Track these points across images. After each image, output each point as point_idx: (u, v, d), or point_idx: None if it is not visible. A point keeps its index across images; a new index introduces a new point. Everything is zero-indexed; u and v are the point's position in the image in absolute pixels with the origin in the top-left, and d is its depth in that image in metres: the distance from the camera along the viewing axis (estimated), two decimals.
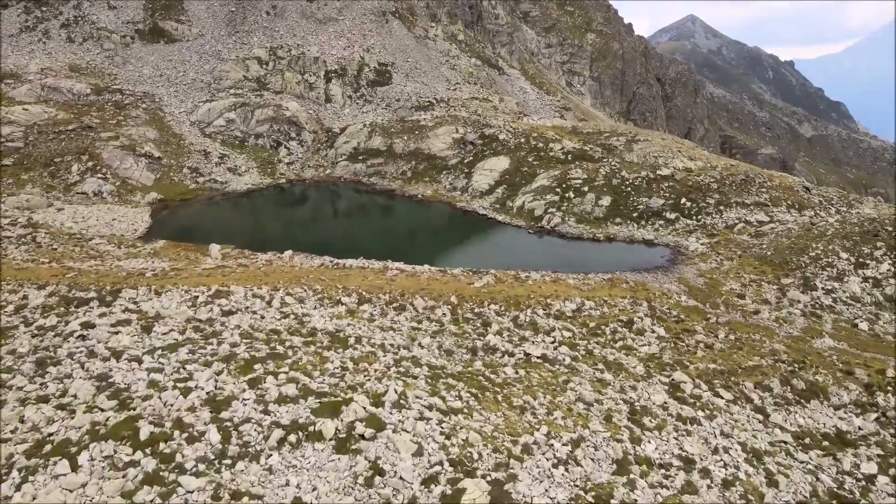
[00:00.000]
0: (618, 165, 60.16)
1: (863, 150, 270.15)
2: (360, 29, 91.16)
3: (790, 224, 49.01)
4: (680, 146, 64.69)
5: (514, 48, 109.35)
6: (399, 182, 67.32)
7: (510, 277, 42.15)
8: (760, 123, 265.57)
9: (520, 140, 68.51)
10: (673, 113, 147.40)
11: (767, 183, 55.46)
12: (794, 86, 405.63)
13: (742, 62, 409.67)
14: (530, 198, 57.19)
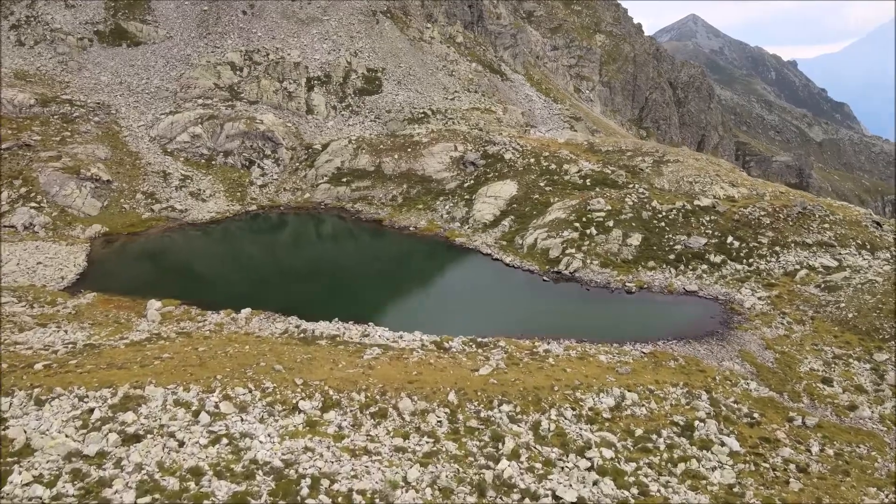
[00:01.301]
0: (646, 193, 50.76)
1: (875, 155, 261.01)
2: (348, 30, 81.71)
3: (868, 273, 39.63)
4: (718, 169, 55.33)
5: (517, 51, 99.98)
6: (388, 210, 57.83)
7: (525, 353, 32.76)
8: (770, 127, 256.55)
9: (528, 160, 59.07)
10: (686, 119, 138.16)
11: (830, 217, 46.11)
12: (798, 86, 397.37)
13: (745, 63, 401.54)
14: (543, 234, 47.76)
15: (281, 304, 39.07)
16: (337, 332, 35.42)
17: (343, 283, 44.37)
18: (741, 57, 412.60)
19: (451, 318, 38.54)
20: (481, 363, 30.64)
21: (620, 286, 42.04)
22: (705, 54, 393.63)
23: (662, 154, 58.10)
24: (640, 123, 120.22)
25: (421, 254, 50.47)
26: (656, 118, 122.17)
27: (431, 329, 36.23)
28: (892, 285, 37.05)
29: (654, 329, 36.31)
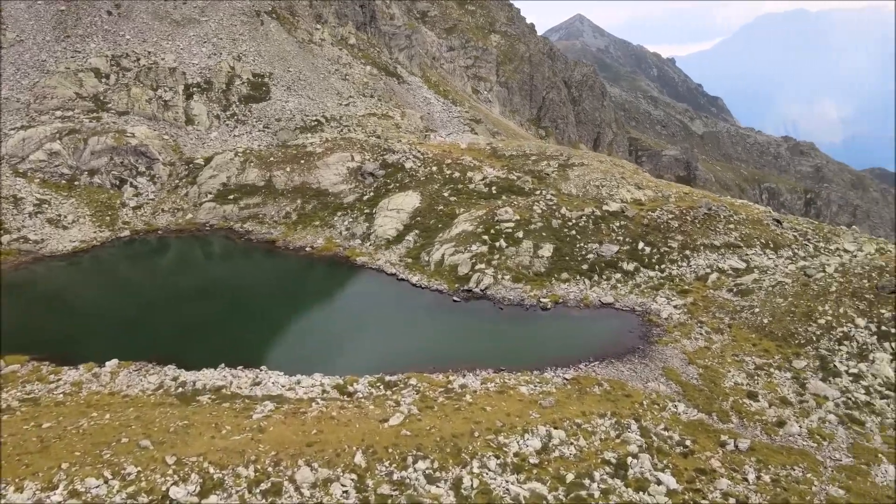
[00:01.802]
0: (555, 200, 48.92)
1: (750, 146, 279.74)
2: (230, 32, 75.36)
3: (776, 274, 39.42)
4: (622, 171, 54.51)
5: (413, 52, 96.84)
6: (282, 228, 52.87)
7: (440, 391, 29.48)
8: (656, 122, 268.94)
9: (431, 169, 55.93)
10: (582, 118, 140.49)
11: (734, 217, 46.02)
12: (677, 83, 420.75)
13: (629, 61, 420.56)
14: (451, 249, 44.74)
15: (157, 349, 33.75)
16: (223, 381, 30.65)
17: (231, 317, 39.30)
18: (625, 55, 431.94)
19: (355, 353, 34.64)
20: (391, 410, 27.02)
21: (535, 302, 39.67)
22: (592, 53, 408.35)
23: (567, 157, 56.72)
24: (539, 123, 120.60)
25: (319, 278, 46.02)
26: (554, 117, 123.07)
27: (333, 368, 32.25)
28: (800, 286, 36.84)
29: (575, 349, 34.08)
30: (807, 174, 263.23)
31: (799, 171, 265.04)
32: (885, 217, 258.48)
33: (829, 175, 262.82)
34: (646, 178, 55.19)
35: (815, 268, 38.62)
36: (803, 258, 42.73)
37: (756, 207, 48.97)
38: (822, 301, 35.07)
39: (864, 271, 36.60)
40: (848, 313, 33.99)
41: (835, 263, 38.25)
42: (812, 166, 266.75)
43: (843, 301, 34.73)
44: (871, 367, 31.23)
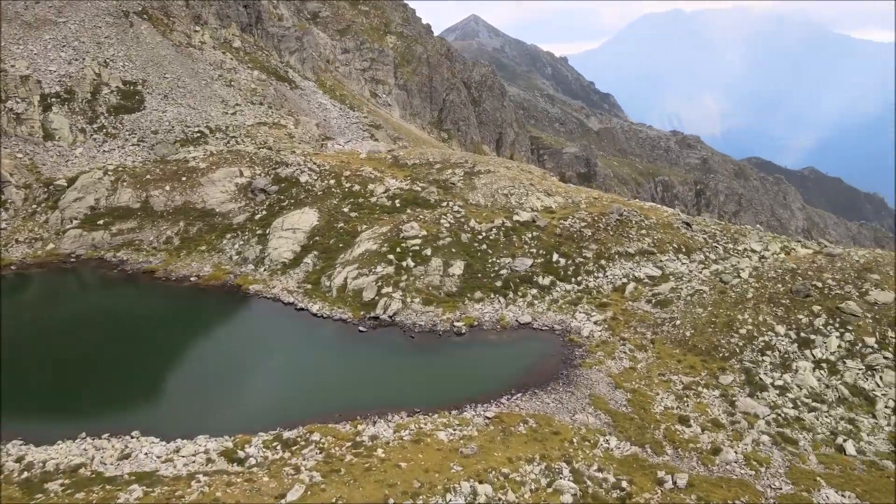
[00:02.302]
0: (462, 212, 46.05)
1: (642, 140, 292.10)
2: (93, 35, 67.38)
3: (692, 281, 38.35)
4: (530, 177, 52.48)
5: (305, 55, 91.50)
6: (163, 255, 46.87)
7: (347, 447, 25.62)
8: (554, 119, 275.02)
9: (328, 182, 51.59)
10: (483, 118, 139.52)
11: (645, 222, 44.91)
12: (571, 80, 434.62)
13: (524, 60, 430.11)
14: (354, 271, 40.79)
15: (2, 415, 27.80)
16: (82, 458, 25.36)
17: (98, 369, 33.51)
18: (520, 54, 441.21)
19: (248, 403, 30.10)
20: (290, 480, 22.93)
21: (448, 327, 36.51)
22: (489, 53, 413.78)
23: (473, 165, 54.06)
24: (441, 126, 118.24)
25: (206, 312, 40.66)
26: (455, 119, 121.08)
27: (222, 425, 27.68)
28: (718, 294, 35.83)
29: (495, 380, 31.20)
30: (695, 166, 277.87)
31: (688, 163, 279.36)
32: (766, 204, 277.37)
33: (715, 166, 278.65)
34: (554, 183, 53.49)
35: (730, 273, 37.82)
36: (715, 261, 42.14)
37: (665, 210, 48.26)
38: (740, 309, 34.09)
39: (778, 275, 36.06)
40: (767, 321, 33.13)
41: (748, 268, 37.59)
42: (699, 158, 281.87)
43: (762, 308, 33.89)
44: (795, 377, 30.31)
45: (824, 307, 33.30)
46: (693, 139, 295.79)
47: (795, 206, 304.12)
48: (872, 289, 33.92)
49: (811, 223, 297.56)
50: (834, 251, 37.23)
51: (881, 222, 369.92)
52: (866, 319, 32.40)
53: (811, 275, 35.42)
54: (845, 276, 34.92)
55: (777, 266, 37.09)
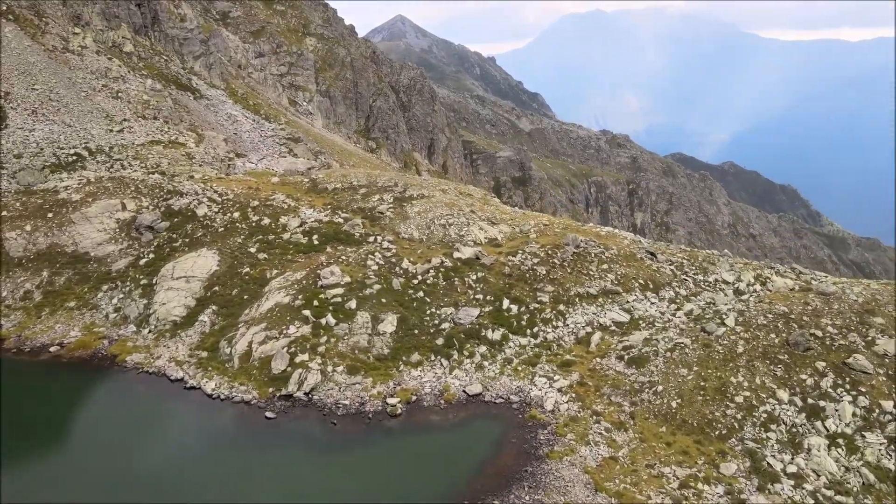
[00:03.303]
0: (393, 249, 38.76)
1: (574, 140, 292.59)
2: None
3: (668, 330, 32.38)
4: (471, 201, 45.65)
5: (212, 60, 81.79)
6: (18, 316, 37.29)
7: None
8: (486, 121, 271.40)
9: (232, 215, 43.17)
10: (413, 124, 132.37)
11: (605, 254, 38.83)
12: (500, 80, 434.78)
13: (452, 60, 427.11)
14: (261, 333, 32.83)
15: None
16: None
17: None
18: (449, 55, 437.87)
19: None
20: None
21: (380, 405, 29.10)
22: (417, 54, 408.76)
23: (404, 188, 46.71)
24: (368, 134, 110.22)
25: (64, 402, 31.49)
26: (384, 127, 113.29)
27: None
28: (702, 348, 29.94)
29: (439, 489, 24.09)
30: (625, 165, 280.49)
31: (618, 162, 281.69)
32: (693, 200, 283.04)
33: (644, 164, 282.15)
34: (497, 207, 46.85)
35: (712, 319, 32.07)
36: (686, 297, 36.51)
37: (624, 238, 42.38)
38: (732, 369, 28.29)
39: (769, 321, 30.54)
40: (766, 384, 27.44)
41: (732, 312, 31.91)
42: (629, 157, 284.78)
43: (757, 367, 28.19)
44: (809, 460, 24.66)
45: (829, 363, 27.90)
46: (622, 138, 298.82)
47: (721, 201, 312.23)
48: (879, 336, 28.83)
49: (736, 217, 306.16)
50: (827, 289, 32.07)
51: (795, 212, 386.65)
52: (879, 377, 27.19)
53: (807, 321, 30.06)
54: (846, 322, 29.74)
55: (765, 310, 31.59)
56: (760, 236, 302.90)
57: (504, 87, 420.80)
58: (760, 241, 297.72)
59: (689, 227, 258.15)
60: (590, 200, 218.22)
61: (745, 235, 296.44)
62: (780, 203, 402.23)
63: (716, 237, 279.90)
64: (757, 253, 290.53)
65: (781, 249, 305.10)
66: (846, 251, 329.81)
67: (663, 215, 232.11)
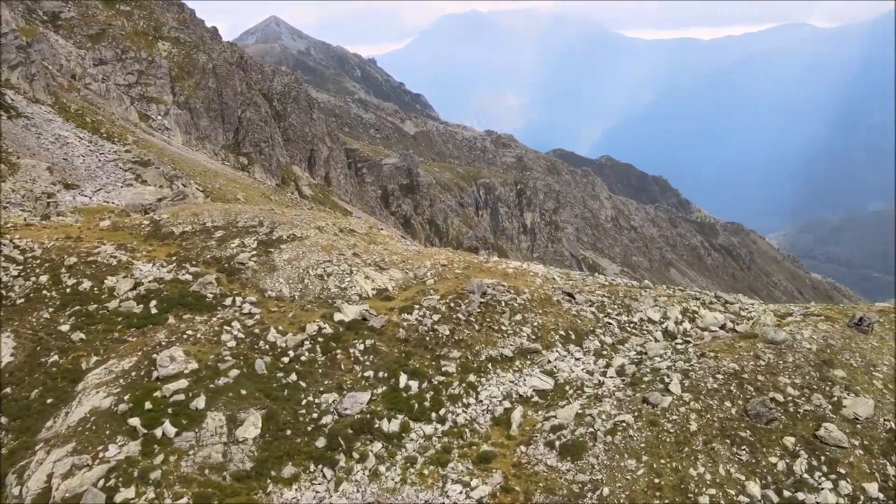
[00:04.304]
0: (258, 313, 30.52)
1: (460, 142, 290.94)
2: None
3: (602, 402, 26.51)
4: (353, 240, 37.87)
5: (35, 70, 68.33)
6: None
7: None
8: (369, 126, 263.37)
9: (38, 278, 32.95)
10: (290, 135, 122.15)
11: (517, 300, 32.62)
12: (381, 82, 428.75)
13: (331, 62, 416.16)
14: (66, 458, 23.65)
15: None
16: None
17: None
18: (327, 57, 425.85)
19: None
20: None
21: None
22: (294, 56, 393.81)
23: (271, 227, 38.22)
24: (239, 149, 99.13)
25: None
26: (256, 140, 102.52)
27: None
28: (649, 427, 24.27)
29: None
30: (511, 164, 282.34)
31: (504, 162, 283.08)
32: (578, 197, 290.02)
33: (530, 163, 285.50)
34: (386, 245, 39.42)
35: (652, 383, 26.53)
36: (613, 346, 31.08)
37: (535, 275, 36.44)
38: (689, 457, 22.78)
39: (719, 384, 25.43)
40: (732, 475, 22.13)
41: (675, 375, 26.51)
42: (514, 157, 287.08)
43: (718, 451, 22.87)
44: None
45: (798, 437, 23.08)
46: (507, 138, 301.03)
47: (603, 195, 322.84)
48: (844, 395, 24.46)
49: (618, 211, 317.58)
50: (776, 336, 27.48)
51: (668, 201, 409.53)
52: (855, 451, 22.66)
53: (763, 381, 25.23)
54: (806, 379, 25.18)
55: (712, 368, 26.49)
56: (641, 227, 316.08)
57: (386, 89, 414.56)
58: (641, 232, 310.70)
59: (577, 224, 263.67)
60: (479, 203, 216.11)
61: (628, 228, 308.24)
62: (653, 193, 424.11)
63: (601, 231, 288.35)
64: (639, 244, 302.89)
65: (660, 239, 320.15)
66: (715, 237, 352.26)
67: (552, 214, 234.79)
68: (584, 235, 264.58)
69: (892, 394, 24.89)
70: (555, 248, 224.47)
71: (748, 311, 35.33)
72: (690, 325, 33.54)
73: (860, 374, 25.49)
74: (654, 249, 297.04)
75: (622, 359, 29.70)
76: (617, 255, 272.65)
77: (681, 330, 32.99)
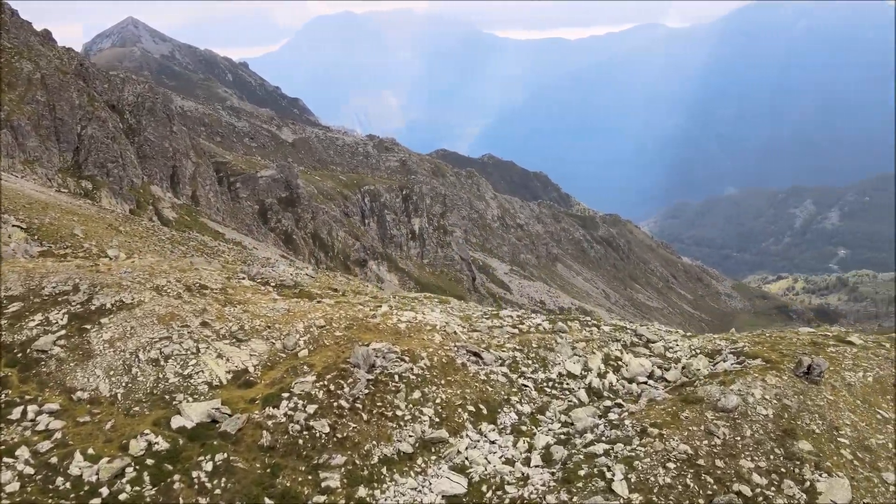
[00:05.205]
0: (59, 429, 21.70)
1: (341, 148, 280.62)
2: None
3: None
4: (202, 300, 29.76)
5: None
6: None
7: None
8: (244, 134, 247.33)
9: None
10: (147, 151, 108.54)
11: (413, 370, 26.12)
12: (255, 87, 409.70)
13: (200, 67, 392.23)
14: None
15: None
16: None
17: None
18: (195, 61, 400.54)
19: None
20: None
21: None
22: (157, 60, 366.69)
23: (90, 293, 29.19)
24: (80, 172, 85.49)
25: None
26: (102, 160, 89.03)
27: None
28: None
29: None
30: (395, 169, 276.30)
31: (388, 167, 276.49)
32: (465, 198, 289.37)
33: (414, 167, 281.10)
34: (246, 299, 31.50)
35: (590, 481, 21.08)
36: (533, 417, 25.63)
37: (433, 328, 30.17)
38: None
39: (672, 477, 20.34)
40: None
41: (619, 469, 21.18)
42: (398, 161, 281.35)
43: None
44: None
45: None
46: (389, 142, 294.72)
47: (488, 195, 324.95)
48: (818, 477, 20.23)
49: (503, 210, 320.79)
50: (727, 403, 22.98)
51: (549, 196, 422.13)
52: None
53: (723, 468, 20.50)
54: (771, 460, 20.75)
55: (660, 455, 21.44)
56: (527, 225, 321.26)
57: (261, 94, 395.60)
58: (527, 229, 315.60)
59: (465, 226, 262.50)
60: (365, 211, 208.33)
61: (514, 226, 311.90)
62: (535, 189, 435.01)
63: (489, 232, 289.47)
64: (526, 242, 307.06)
65: (546, 235, 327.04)
66: (596, 229, 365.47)
67: (440, 218, 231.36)
68: (473, 237, 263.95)
69: (863, 465, 21.06)
70: (445, 252, 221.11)
71: (673, 350, 31.28)
72: (616, 376, 28.85)
73: (826, 443, 21.50)
74: (541, 246, 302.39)
75: (546, 437, 24.24)
76: (505, 254, 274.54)
77: (606, 385, 28.19)
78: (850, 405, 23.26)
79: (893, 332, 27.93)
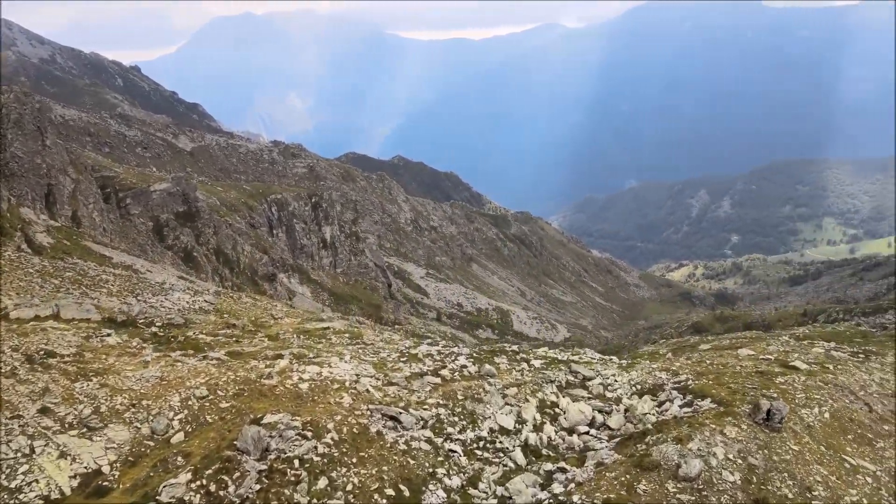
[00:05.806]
0: None
1: (244, 156, 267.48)
2: None
3: None
4: (45, 371, 23.69)
5: None
6: None
7: None
8: (136, 144, 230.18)
9: None
10: (16, 169, 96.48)
11: (317, 448, 21.53)
12: (149, 92, 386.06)
13: (85, 71, 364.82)
14: None
15: None
16: None
17: None
18: (79, 65, 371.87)
19: None
20: None
21: None
22: (35, 65, 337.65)
23: None
24: None
25: None
26: None
27: None
28: None
29: None
30: (303, 175, 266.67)
31: (296, 173, 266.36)
32: (376, 203, 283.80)
33: (322, 173, 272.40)
34: (109, 369, 25.40)
35: None
36: (463, 493, 21.67)
37: (342, 384, 25.46)
38: None
39: None
40: None
41: None
42: (306, 167, 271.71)
43: None
44: None
45: None
46: (296, 148, 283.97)
47: (400, 199, 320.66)
48: None
49: (416, 213, 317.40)
50: (689, 471, 19.79)
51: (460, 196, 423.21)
52: None
53: None
54: None
55: None
56: (440, 226, 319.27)
57: (156, 100, 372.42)
58: (441, 231, 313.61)
59: (378, 231, 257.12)
60: (273, 222, 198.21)
61: (428, 228, 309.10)
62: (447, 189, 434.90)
63: (403, 236, 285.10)
64: (441, 244, 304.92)
65: (460, 236, 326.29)
66: (508, 227, 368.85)
67: (352, 225, 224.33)
68: (387, 242, 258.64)
69: None
70: (358, 260, 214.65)
71: (612, 389, 28.21)
72: (554, 427, 25.38)
73: None
74: (455, 247, 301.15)
75: None
76: (421, 257, 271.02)
77: (544, 440, 24.64)
78: (817, 455, 20.75)
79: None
